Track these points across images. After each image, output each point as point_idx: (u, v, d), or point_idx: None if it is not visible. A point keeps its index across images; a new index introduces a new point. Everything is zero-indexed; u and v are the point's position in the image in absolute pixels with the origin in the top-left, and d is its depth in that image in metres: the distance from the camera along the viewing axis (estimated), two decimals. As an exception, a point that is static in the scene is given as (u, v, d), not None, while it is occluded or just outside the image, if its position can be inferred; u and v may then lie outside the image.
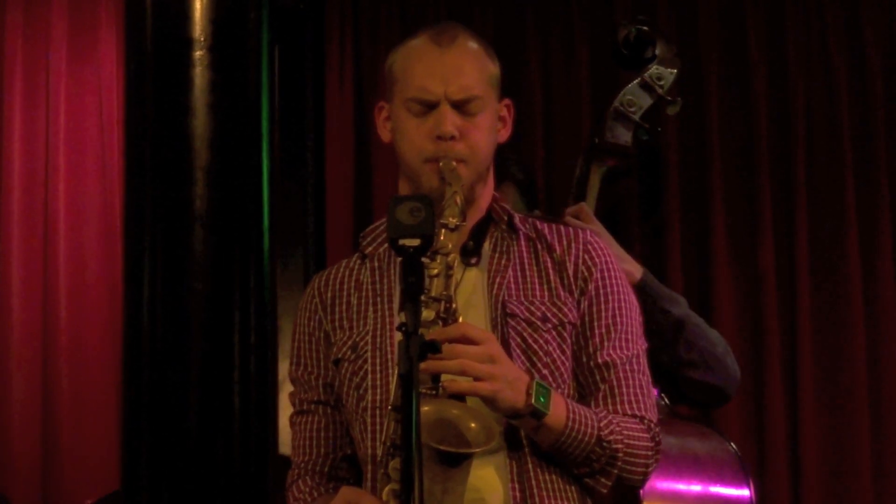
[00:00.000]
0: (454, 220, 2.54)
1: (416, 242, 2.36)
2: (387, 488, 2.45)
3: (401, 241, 2.37)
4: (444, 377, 2.45)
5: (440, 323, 2.48)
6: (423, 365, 2.38)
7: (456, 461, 2.41)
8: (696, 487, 3.56)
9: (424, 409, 2.37)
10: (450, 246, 2.52)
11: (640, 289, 3.60)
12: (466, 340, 2.46)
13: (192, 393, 3.94)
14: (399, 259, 2.42)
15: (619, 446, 2.58)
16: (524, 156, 4.87)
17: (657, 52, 4.04)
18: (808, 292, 5.02)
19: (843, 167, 5.06)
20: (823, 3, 5.15)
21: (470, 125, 2.65)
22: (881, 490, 4.95)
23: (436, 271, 2.49)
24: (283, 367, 3.11)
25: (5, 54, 5.40)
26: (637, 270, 3.65)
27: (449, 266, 2.51)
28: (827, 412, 4.99)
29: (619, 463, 2.59)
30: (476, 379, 2.45)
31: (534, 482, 2.59)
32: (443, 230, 2.52)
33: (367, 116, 5.16)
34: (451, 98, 2.64)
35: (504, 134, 2.76)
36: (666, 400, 3.76)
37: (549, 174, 5.19)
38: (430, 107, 2.65)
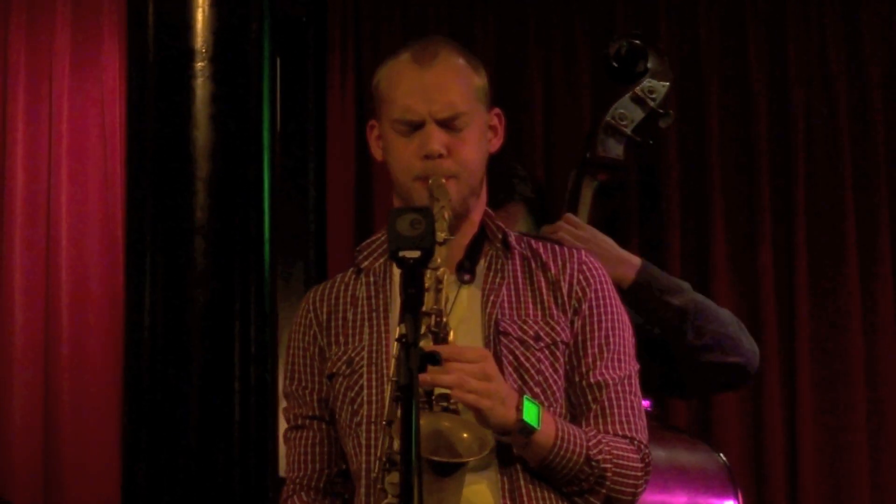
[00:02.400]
0: (442, 235, 2.54)
1: (416, 254, 2.37)
2: (383, 503, 2.45)
3: (401, 253, 2.37)
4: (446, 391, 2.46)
5: (430, 337, 2.48)
6: (420, 377, 2.39)
7: (449, 471, 2.42)
8: (682, 499, 3.57)
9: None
10: (439, 260, 2.51)
11: (637, 286, 3.60)
12: (463, 359, 2.46)
13: (192, 403, 3.94)
14: (396, 274, 2.43)
15: (608, 466, 2.58)
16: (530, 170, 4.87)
17: (649, 65, 4.04)
18: (806, 300, 5.02)
19: (842, 175, 5.06)
20: (823, 12, 5.15)
21: (457, 141, 2.65)
22: (879, 498, 4.95)
23: (426, 285, 2.49)
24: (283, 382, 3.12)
25: (8, 65, 5.40)
26: (632, 269, 3.64)
27: (439, 280, 2.51)
28: (825, 419, 4.99)
29: (608, 483, 2.59)
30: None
31: (525, 498, 2.59)
32: None
33: (366, 130, 5.15)
34: (435, 116, 2.64)
35: (496, 143, 2.76)
36: (659, 411, 3.76)
37: (549, 189, 5.19)
38: (415, 126, 2.65)
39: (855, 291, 5.02)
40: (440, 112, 2.64)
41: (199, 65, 3.97)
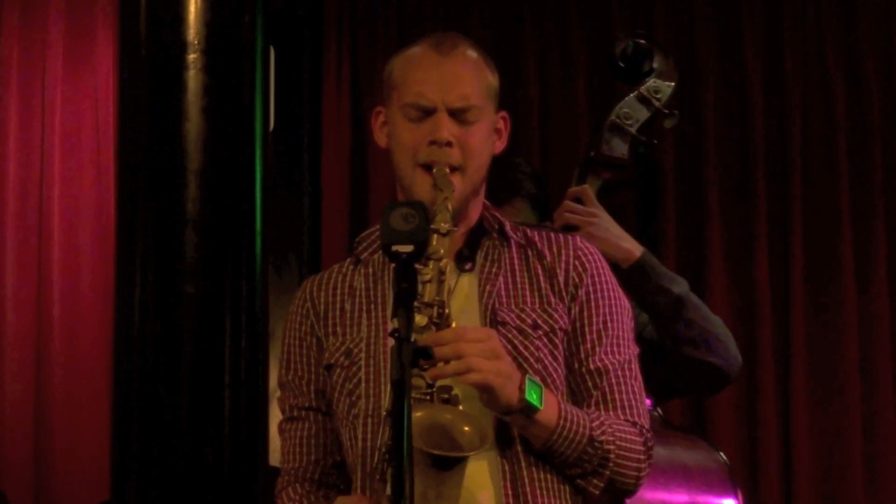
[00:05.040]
0: (445, 226, 2.53)
1: (409, 248, 2.35)
2: (384, 495, 2.44)
3: (394, 248, 2.36)
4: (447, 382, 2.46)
5: (433, 328, 2.47)
6: (429, 373, 2.39)
7: (449, 465, 2.41)
8: (682, 497, 3.56)
9: (417, 414, 2.37)
10: (441, 251, 2.51)
11: (640, 267, 3.60)
12: (469, 339, 2.45)
13: (182, 395, 3.92)
14: (393, 265, 2.42)
15: (611, 447, 2.57)
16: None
17: (655, 65, 4.04)
18: (801, 303, 5.03)
19: (838, 177, 5.07)
20: (821, 13, 5.15)
21: (466, 133, 2.64)
22: (873, 493, 4.95)
23: (428, 277, 2.48)
24: (276, 374, 3.10)
25: (2, 59, 5.41)
26: (636, 249, 3.65)
27: (441, 271, 2.50)
28: (819, 421, 4.99)
29: (611, 465, 2.58)
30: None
31: (526, 481, 2.58)
32: (434, 236, 2.51)
33: (364, 122, 5.16)
34: (448, 105, 2.63)
35: (500, 146, 2.75)
36: (660, 411, 3.76)
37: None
38: (427, 113, 2.64)
39: (850, 287, 5.02)
40: (454, 102, 2.63)
41: (192, 57, 3.95)
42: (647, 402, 3.63)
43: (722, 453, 3.73)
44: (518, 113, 5.15)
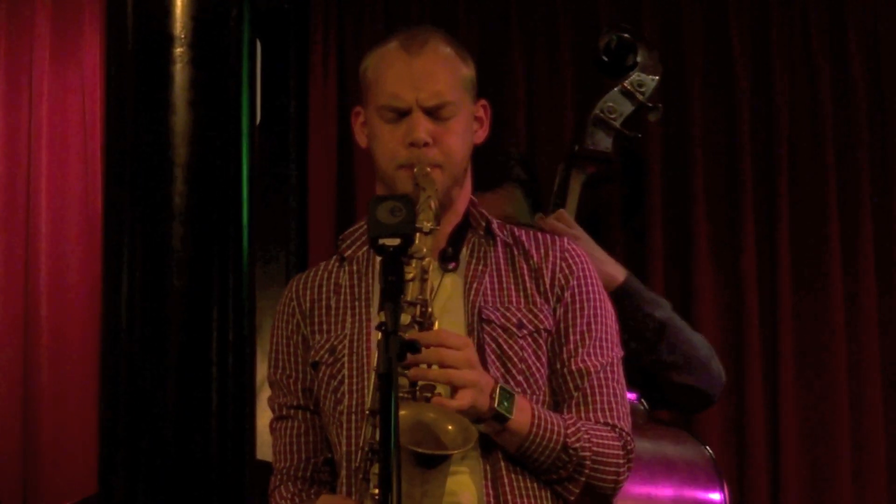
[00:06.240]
0: (429, 225, 2.54)
1: (396, 242, 2.37)
2: (367, 493, 2.44)
3: (381, 241, 2.37)
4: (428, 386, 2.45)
5: (416, 327, 2.48)
6: (410, 372, 2.39)
7: (433, 463, 2.41)
8: (668, 491, 3.57)
9: (402, 413, 2.38)
10: (424, 250, 2.52)
11: (623, 291, 3.61)
12: (447, 345, 2.46)
13: (169, 390, 3.93)
14: (378, 261, 2.42)
15: (587, 454, 2.58)
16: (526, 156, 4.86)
17: (638, 59, 4.06)
18: (789, 297, 5.02)
19: (825, 170, 5.06)
20: (808, 8, 5.15)
21: (443, 130, 2.66)
22: (860, 493, 4.95)
23: (411, 275, 2.49)
24: (263, 368, 3.11)
25: (-12, 51, 5.39)
26: (620, 273, 3.66)
27: (424, 270, 2.51)
28: (807, 415, 4.99)
29: (587, 470, 2.59)
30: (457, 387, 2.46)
31: (507, 485, 2.59)
32: (417, 234, 2.52)
33: (351, 116, 5.14)
34: (422, 104, 2.64)
35: (481, 135, 2.76)
36: (645, 404, 3.76)
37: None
38: (402, 114, 2.66)
39: (837, 283, 5.02)
40: (427, 100, 2.64)
41: (178, 50, 3.95)
42: (633, 395, 3.65)
43: (708, 447, 3.74)
44: (503, 106, 5.14)
